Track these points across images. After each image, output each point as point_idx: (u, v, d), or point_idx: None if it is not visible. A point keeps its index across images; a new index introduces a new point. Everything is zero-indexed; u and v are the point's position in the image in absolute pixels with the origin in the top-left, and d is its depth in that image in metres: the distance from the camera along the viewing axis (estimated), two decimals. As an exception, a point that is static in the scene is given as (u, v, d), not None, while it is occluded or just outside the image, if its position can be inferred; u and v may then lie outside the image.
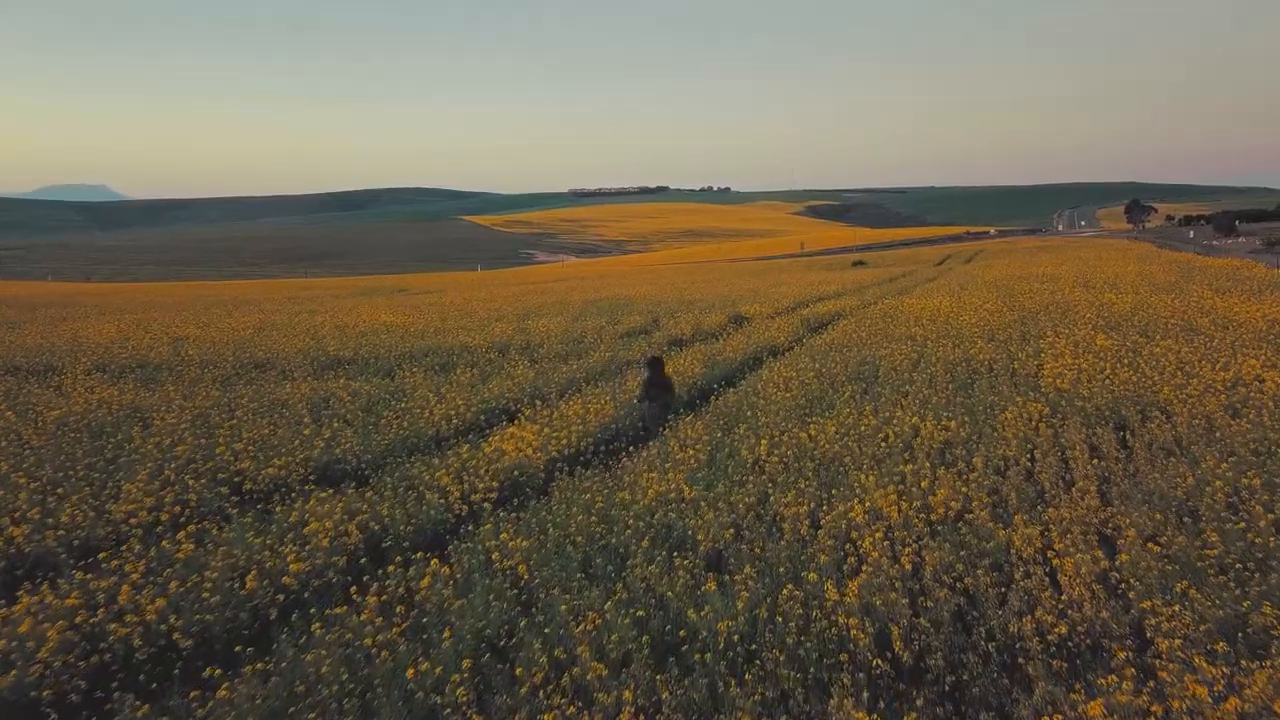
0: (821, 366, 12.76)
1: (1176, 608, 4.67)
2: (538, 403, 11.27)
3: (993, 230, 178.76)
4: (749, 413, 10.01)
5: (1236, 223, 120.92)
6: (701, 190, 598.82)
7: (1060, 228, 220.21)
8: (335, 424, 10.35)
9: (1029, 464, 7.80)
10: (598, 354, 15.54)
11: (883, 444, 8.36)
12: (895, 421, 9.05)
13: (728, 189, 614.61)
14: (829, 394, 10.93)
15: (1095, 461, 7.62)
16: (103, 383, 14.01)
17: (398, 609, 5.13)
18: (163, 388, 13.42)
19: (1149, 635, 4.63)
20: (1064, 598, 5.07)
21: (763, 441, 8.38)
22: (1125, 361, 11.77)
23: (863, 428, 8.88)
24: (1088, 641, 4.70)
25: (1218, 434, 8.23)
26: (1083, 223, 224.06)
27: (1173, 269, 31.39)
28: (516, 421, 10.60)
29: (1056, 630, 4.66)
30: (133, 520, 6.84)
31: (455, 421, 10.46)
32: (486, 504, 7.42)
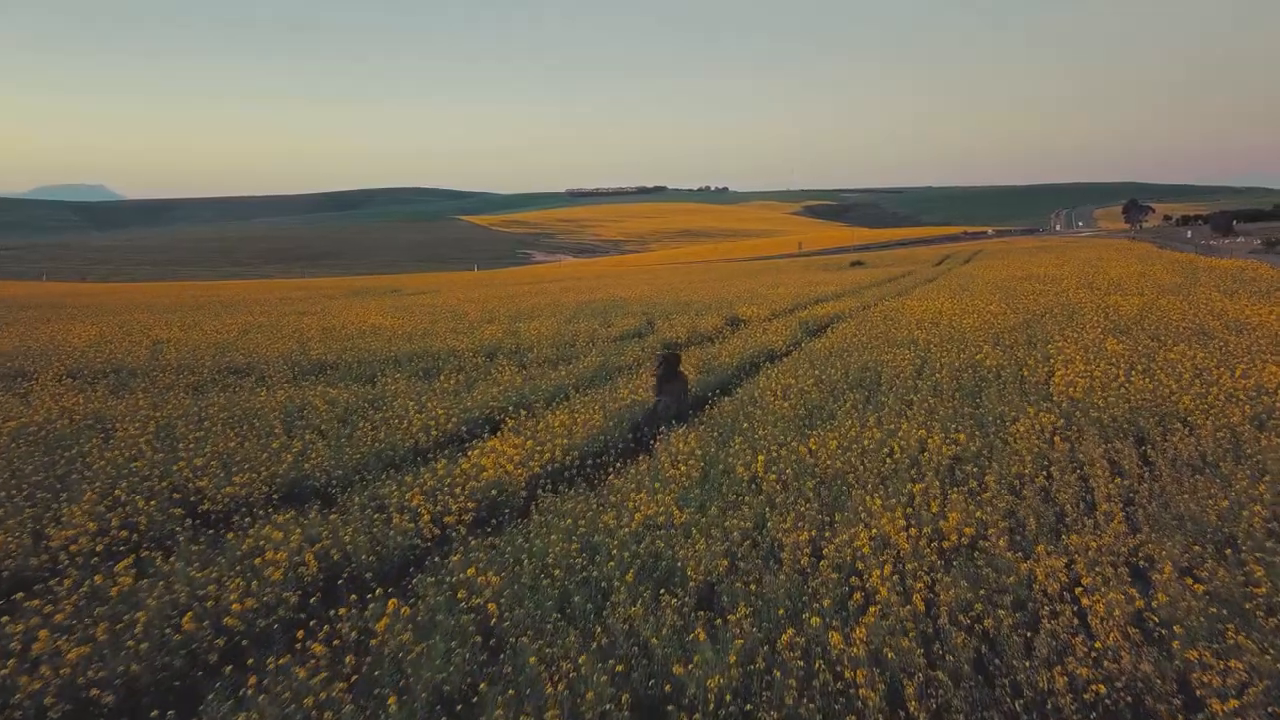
0: (821, 373, 12.20)
1: (1231, 662, 4.11)
2: (522, 412, 10.70)
3: (990, 230, 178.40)
4: (745, 424, 9.45)
5: (1234, 223, 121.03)
6: (699, 190, 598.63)
7: (1058, 228, 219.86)
8: (308, 435, 9.77)
9: (1046, 482, 7.25)
10: (588, 359, 14.96)
11: (888, 460, 7.80)
12: (901, 434, 8.49)
13: (726, 189, 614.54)
14: (829, 403, 10.38)
15: (1117, 480, 7.06)
16: (71, 389, 13.41)
17: (347, 659, 4.55)
18: (133, 395, 12.82)
19: (1198, 692, 4.08)
20: (1097, 644, 4.51)
21: (760, 457, 7.81)
22: (1139, 368, 11.22)
23: (866, 441, 8.32)
24: (1128, 698, 4.14)
25: (1246, 449, 7.69)
26: (1080, 223, 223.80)
27: (1177, 270, 30.88)
28: (500, 433, 10.02)
29: (1093, 688, 4.10)
30: (72, 548, 6.25)
31: (435, 433, 9.87)
32: (460, 527, 6.86)
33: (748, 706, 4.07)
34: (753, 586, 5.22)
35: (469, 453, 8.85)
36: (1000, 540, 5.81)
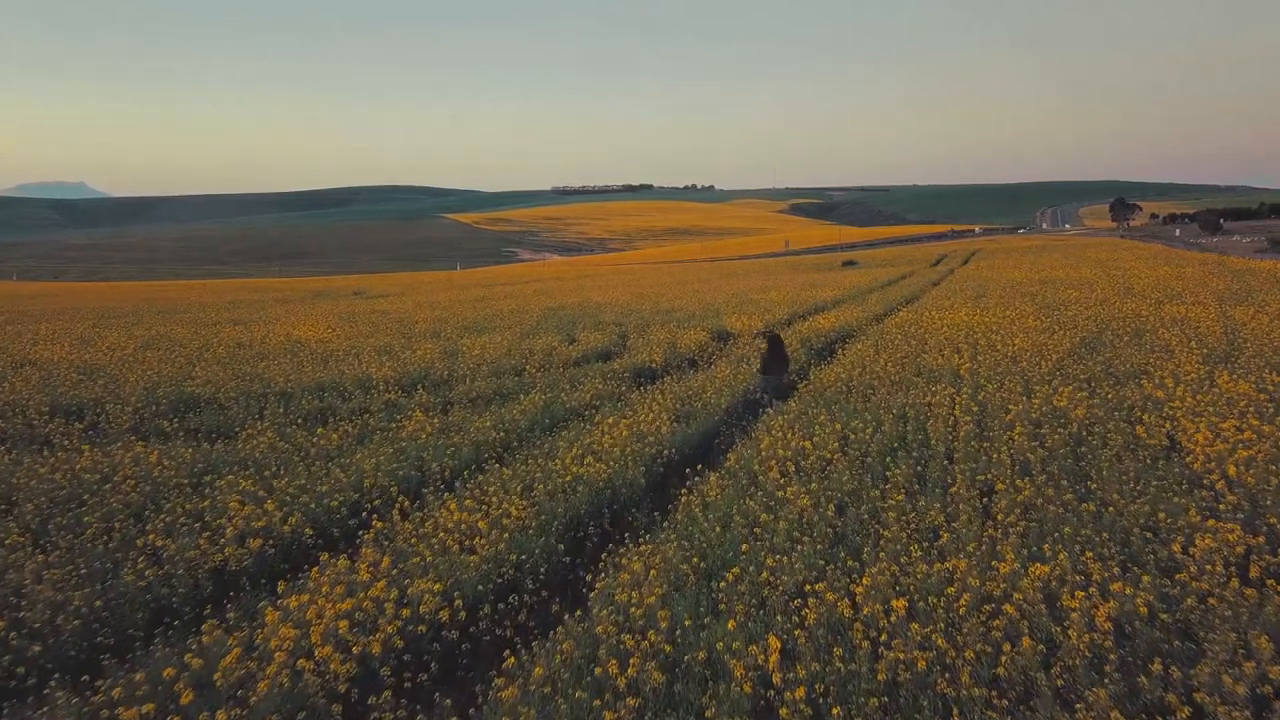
0: (845, 427, 8.71)
1: None
2: (400, 504, 7.13)
3: (977, 229, 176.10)
4: (742, 538, 5.93)
5: (1221, 221, 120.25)
6: (686, 188, 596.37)
7: (1044, 225, 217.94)
8: (55, 553, 6.19)
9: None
10: (530, 397, 11.39)
11: (1003, 642, 4.31)
12: (1004, 574, 5.00)
13: (712, 187, 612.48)
14: (867, 488, 6.88)
15: None
16: None
17: None
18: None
19: None
20: None
21: (773, 640, 4.29)
22: (1303, 425, 7.81)
23: (951, 591, 4.83)
24: None
25: None
26: (1067, 225, 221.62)
27: (1217, 273, 27.65)
28: (360, 541, 6.48)
29: None
30: None
31: (256, 542, 6.30)
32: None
33: None
34: None
35: (282, 600, 5.30)
36: None
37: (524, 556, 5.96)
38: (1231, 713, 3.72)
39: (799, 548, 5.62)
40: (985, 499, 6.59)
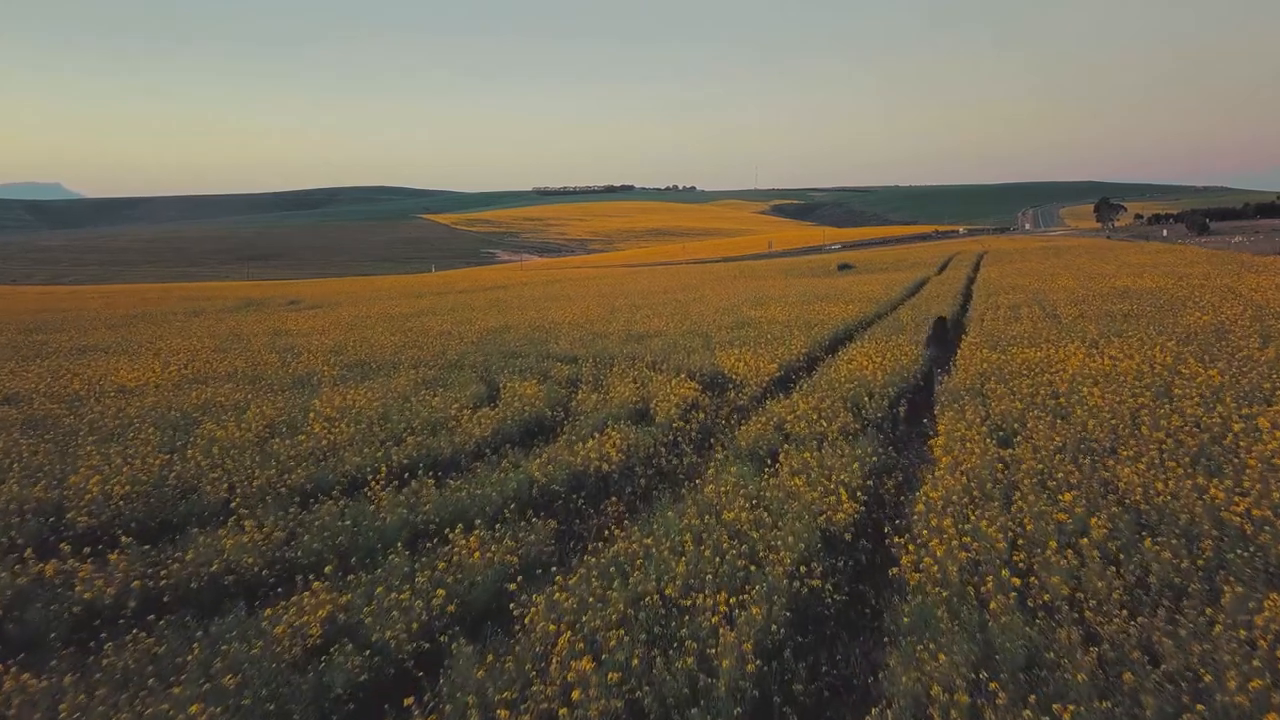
0: None
1: None
2: None
3: (961, 229, 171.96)
4: None
5: (1207, 221, 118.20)
6: (667, 189, 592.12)
7: (1027, 226, 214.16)
8: None
9: None
10: (314, 602, 5.19)
11: None
12: None
13: (693, 188, 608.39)
14: None
15: None
16: None
17: None
18: None
19: None
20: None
21: None
22: None
23: None
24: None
25: None
26: (1053, 227, 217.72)
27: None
28: None
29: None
30: None
31: None
32: None
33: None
34: None
35: None
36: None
37: None
38: None
39: None
40: None
